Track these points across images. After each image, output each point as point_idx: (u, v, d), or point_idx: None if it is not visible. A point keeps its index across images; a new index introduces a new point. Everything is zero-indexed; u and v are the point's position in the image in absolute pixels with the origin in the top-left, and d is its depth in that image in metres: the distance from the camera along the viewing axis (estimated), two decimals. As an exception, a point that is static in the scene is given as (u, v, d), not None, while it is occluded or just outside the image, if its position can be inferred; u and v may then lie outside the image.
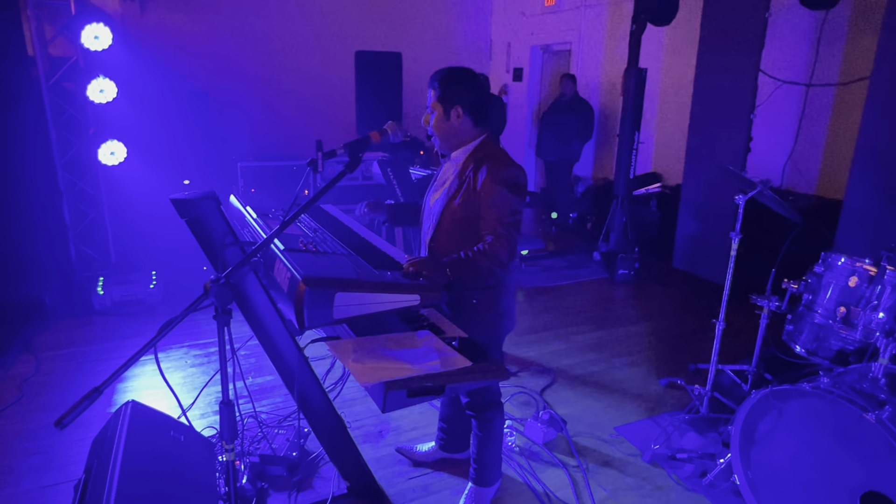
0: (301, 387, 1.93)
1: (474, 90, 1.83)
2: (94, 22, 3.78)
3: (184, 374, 3.22)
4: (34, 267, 3.88)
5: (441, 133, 1.85)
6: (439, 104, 1.81)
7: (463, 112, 1.81)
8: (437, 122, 1.83)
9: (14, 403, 2.87)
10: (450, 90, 1.80)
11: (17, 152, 3.71)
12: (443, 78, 1.81)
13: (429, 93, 1.83)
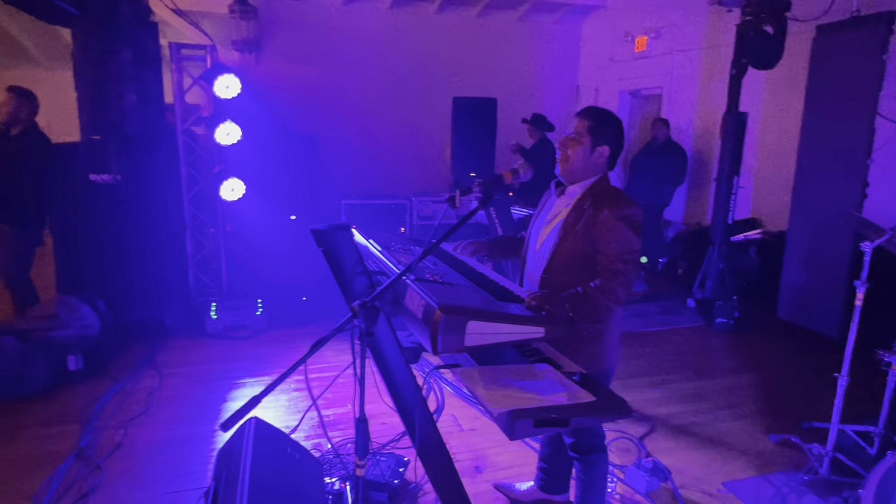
0: (413, 414, 1.99)
1: (621, 138, 1.94)
2: (226, 73, 4.22)
3: (288, 396, 3.39)
4: (158, 291, 4.26)
5: (576, 163, 1.91)
6: (589, 136, 1.88)
7: (607, 153, 1.89)
8: (580, 152, 1.89)
9: (141, 415, 3.13)
10: (603, 128, 1.89)
11: (154, 188, 4.16)
12: (600, 115, 1.91)
13: (576, 122, 1.91)
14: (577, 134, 1.92)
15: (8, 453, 2.75)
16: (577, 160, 1.92)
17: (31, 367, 3.22)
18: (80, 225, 3.96)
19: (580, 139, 1.91)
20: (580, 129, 1.91)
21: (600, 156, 1.91)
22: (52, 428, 2.98)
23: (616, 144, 1.93)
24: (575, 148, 1.92)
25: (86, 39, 3.88)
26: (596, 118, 1.91)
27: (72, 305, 3.51)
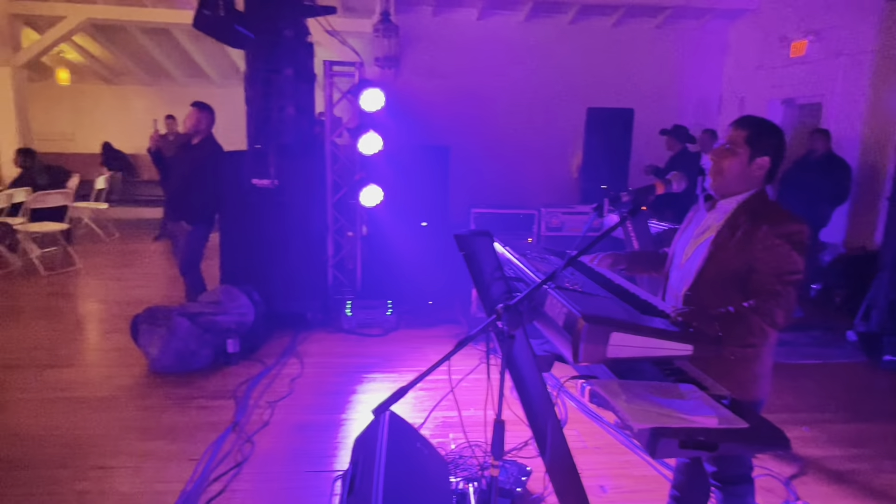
0: (543, 426, 1.99)
1: (783, 150, 1.81)
2: (372, 88, 4.53)
3: (413, 394, 3.52)
4: (302, 287, 4.65)
5: (731, 175, 1.80)
6: (746, 147, 1.78)
7: (767, 165, 1.78)
8: (736, 163, 1.79)
9: (285, 397, 3.44)
10: (765, 139, 1.78)
11: (304, 192, 4.56)
12: (759, 125, 1.80)
13: (731, 132, 1.82)
14: (732, 144, 1.81)
15: (179, 419, 3.16)
16: (731, 172, 1.81)
17: (199, 346, 3.67)
18: (243, 224, 4.46)
19: (735, 150, 1.80)
20: (736, 140, 1.81)
21: (759, 168, 1.78)
22: (213, 401, 3.37)
23: (776, 156, 1.80)
24: (730, 160, 1.81)
25: (256, 60, 4.36)
26: (755, 128, 1.80)
27: (233, 294, 3.96)
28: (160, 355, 3.59)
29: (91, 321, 4.94)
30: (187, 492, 2.50)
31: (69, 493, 2.50)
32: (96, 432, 3.01)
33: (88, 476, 2.63)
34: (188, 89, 11.15)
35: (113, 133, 11.11)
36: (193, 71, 10.82)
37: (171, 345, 3.57)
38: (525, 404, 2.08)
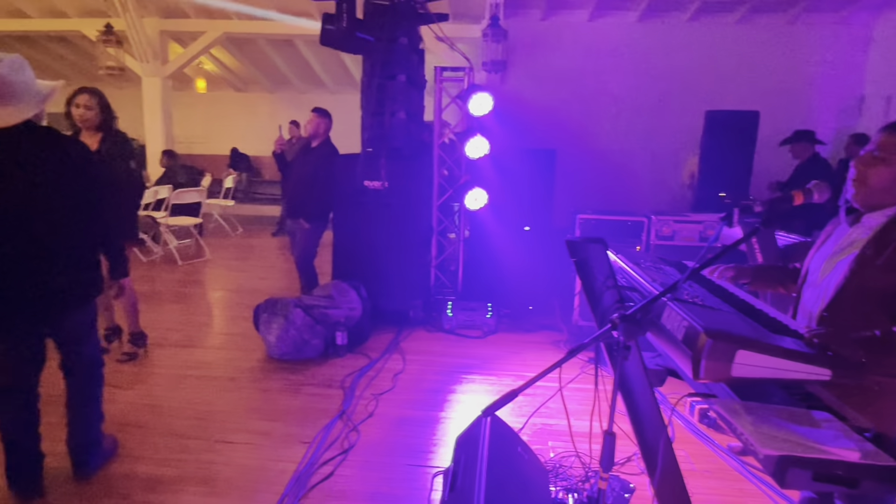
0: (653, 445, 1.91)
1: None
2: (481, 92, 4.59)
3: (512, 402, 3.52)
4: (405, 286, 4.80)
5: (879, 186, 1.63)
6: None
7: None
8: (885, 173, 1.62)
9: (388, 391, 3.57)
10: None
11: (412, 195, 4.71)
12: None
13: (881, 138, 1.65)
14: (882, 152, 1.64)
15: (292, 403, 3.39)
16: (879, 183, 1.64)
17: (311, 337, 3.91)
18: (354, 223, 4.69)
19: (887, 158, 1.62)
20: (888, 147, 1.63)
21: None
22: (322, 389, 3.58)
23: None
24: (879, 169, 1.63)
25: (371, 67, 4.58)
26: None
27: (343, 289, 4.18)
28: (277, 343, 3.87)
29: (218, 307, 5.42)
30: (300, 471, 2.68)
31: (197, 462, 2.76)
32: (221, 409, 3.30)
33: (214, 448, 2.89)
34: (306, 96, 11.93)
35: (239, 137, 12.13)
36: (311, 79, 11.55)
37: (287, 334, 3.84)
38: (633, 419, 2.01)
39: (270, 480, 2.62)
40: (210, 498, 2.49)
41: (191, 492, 2.53)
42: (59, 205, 2.30)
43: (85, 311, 2.52)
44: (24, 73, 2.21)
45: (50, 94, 2.29)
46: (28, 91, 2.21)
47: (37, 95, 2.23)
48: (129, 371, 3.75)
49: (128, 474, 2.64)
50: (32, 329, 2.39)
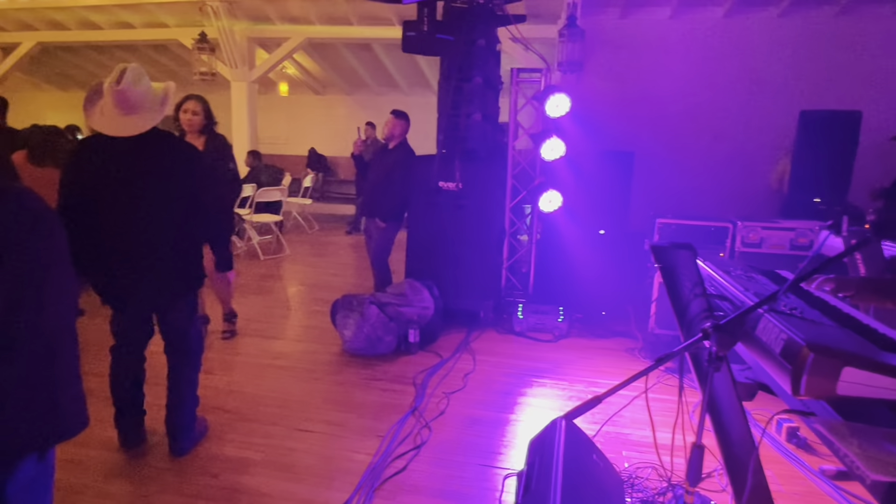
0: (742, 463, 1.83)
1: None
2: (558, 93, 4.54)
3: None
4: (476, 287, 4.83)
5: None
6: None
7: None
8: None
9: (459, 390, 3.60)
10: None
11: (486, 196, 4.73)
12: None
13: None
14: None
15: (366, 397, 3.49)
16: None
17: (385, 333, 4.02)
18: (428, 223, 4.77)
19: None
20: None
21: None
22: (395, 385, 3.66)
23: None
24: None
25: (449, 70, 4.64)
26: None
27: (417, 288, 4.26)
28: (353, 338, 4.00)
29: (296, 301, 5.66)
30: (374, 463, 2.76)
31: (279, 448, 2.90)
32: (300, 398, 3.45)
33: (294, 435, 3.03)
34: (382, 98, 12.22)
35: (317, 138, 12.59)
36: (387, 81, 11.81)
37: (362, 329, 3.96)
38: (720, 433, 1.93)
39: (346, 470, 2.72)
40: (291, 483, 2.61)
41: (274, 476, 2.66)
42: (171, 202, 2.51)
43: (188, 300, 2.73)
44: (143, 80, 2.42)
45: (167, 98, 2.50)
46: (150, 98, 2.42)
47: (156, 101, 2.44)
48: (218, 358, 3.99)
49: (217, 455, 2.82)
50: (142, 311, 2.67)
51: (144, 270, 2.50)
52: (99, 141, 2.41)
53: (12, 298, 1.30)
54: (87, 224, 2.38)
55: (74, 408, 1.47)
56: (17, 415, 1.33)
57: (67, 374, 1.45)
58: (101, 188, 2.41)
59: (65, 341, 1.44)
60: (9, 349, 1.32)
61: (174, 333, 2.75)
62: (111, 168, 2.41)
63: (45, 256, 1.34)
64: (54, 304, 1.38)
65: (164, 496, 2.50)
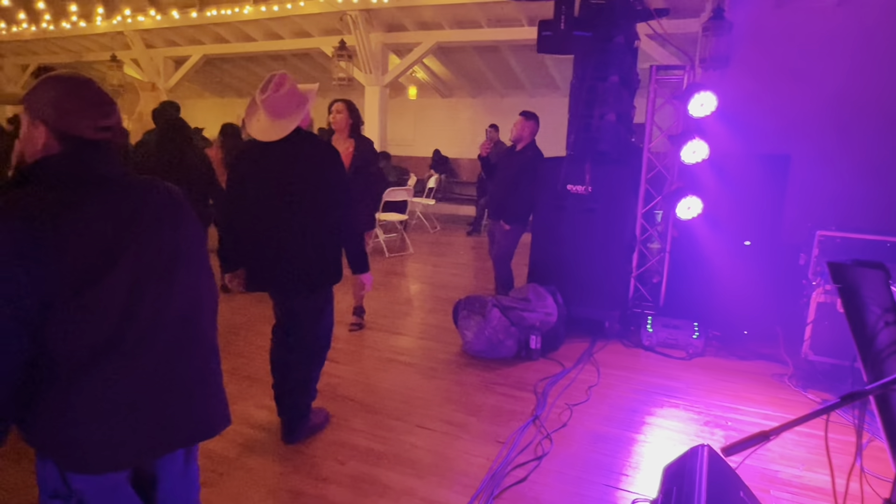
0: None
1: None
2: (702, 91, 4.19)
3: (724, 434, 3.16)
4: (602, 295, 4.60)
5: None
6: None
7: None
8: None
9: (582, 403, 3.45)
10: None
11: (616, 201, 4.50)
12: None
13: None
14: None
15: (486, 401, 3.46)
16: None
17: (506, 337, 3.96)
18: (554, 227, 4.64)
19: None
20: None
21: None
22: (515, 391, 3.60)
23: None
24: None
25: (583, 69, 4.48)
26: None
27: (540, 294, 4.16)
28: (474, 339, 3.99)
29: (418, 299, 5.80)
30: (494, 470, 2.72)
31: (401, 443, 2.96)
32: (422, 395, 3.51)
33: (415, 432, 3.07)
34: (506, 100, 12.20)
35: (441, 140, 12.87)
36: (512, 83, 11.77)
37: (484, 332, 3.94)
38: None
39: (465, 472, 2.70)
40: (412, 479, 2.65)
41: (396, 469, 2.72)
42: (312, 200, 2.68)
43: (321, 294, 2.87)
44: (287, 87, 2.64)
45: (306, 100, 2.67)
46: (293, 102, 2.62)
47: (298, 103, 2.61)
48: (346, 349, 4.19)
49: (344, 443, 2.94)
50: (281, 297, 2.88)
51: (285, 259, 2.70)
52: (255, 144, 2.69)
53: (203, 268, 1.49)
54: (243, 215, 2.70)
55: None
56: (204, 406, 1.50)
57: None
58: (254, 185, 2.69)
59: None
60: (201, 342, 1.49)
61: (305, 324, 2.90)
62: (262, 167, 2.68)
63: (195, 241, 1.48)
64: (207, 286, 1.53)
65: (297, 476, 2.66)
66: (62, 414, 1.26)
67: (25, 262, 1.16)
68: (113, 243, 1.27)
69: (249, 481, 2.61)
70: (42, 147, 1.27)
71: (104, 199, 1.29)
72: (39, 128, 1.27)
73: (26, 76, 13.74)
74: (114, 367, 1.28)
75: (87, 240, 1.23)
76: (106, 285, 1.25)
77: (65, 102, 1.27)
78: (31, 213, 1.17)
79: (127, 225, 1.30)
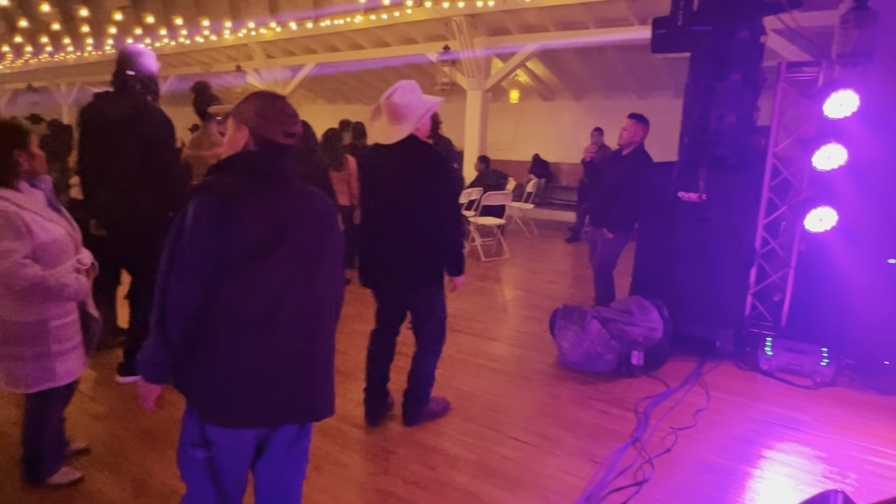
0: None
1: None
2: (842, 90, 3.75)
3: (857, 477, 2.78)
4: (714, 312, 4.24)
5: None
6: None
7: None
8: None
9: (689, 427, 3.19)
10: None
11: (734, 210, 4.13)
12: None
13: None
14: None
15: (582, 416, 3.30)
16: None
17: (605, 351, 3.77)
18: (661, 237, 4.35)
19: None
20: None
21: None
22: (613, 408, 3.40)
23: None
24: None
25: (700, 67, 4.16)
26: None
27: (645, 307, 3.91)
28: (570, 351, 3.84)
29: (512, 305, 5.71)
30: (589, 492, 2.57)
31: (492, 453, 2.89)
32: (514, 405, 3.42)
33: (507, 443, 2.99)
34: (610, 102, 11.76)
35: (542, 144, 12.66)
36: (618, 84, 11.32)
37: (581, 344, 3.77)
38: None
39: (558, 491, 2.58)
40: (501, 491, 2.57)
41: (485, 480, 2.65)
42: (418, 203, 2.78)
43: (430, 293, 2.96)
44: (411, 94, 2.74)
45: (427, 111, 2.75)
46: (413, 110, 2.72)
47: (415, 113, 2.68)
48: (439, 352, 4.18)
49: (436, 447, 2.92)
50: (391, 292, 3.02)
51: (393, 256, 2.84)
52: (375, 147, 2.91)
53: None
54: (367, 213, 2.99)
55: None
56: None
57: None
58: (369, 187, 2.97)
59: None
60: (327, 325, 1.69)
61: (417, 319, 3.03)
62: (378, 170, 2.88)
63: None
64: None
65: (387, 477, 2.67)
66: (215, 369, 1.51)
67: (214, 229, 1.44)
68: (279, 230, 1.52)
69: (341, 477, 2.66)
70: (243, 146, 1.57)
71: (280, 193, 1.56)
72: (244, 131, 1.57)
73: (165, 87, 15.28)
74: (264, 337, 1.52)
75: (261, 222, 1.50)
76: (267, 265, 1.50)
77: (266, 112, 1.57)
78: (226, 192, 1.47)
79: (292, 218, 1.55)
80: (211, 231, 1.44)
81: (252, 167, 1.56)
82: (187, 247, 1.45)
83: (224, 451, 1.58)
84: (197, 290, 1.46)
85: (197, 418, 1.55)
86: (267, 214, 1.52)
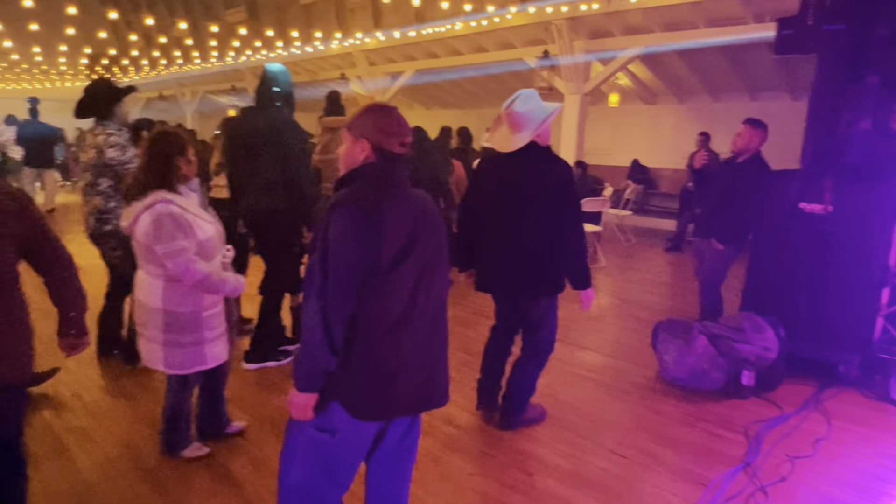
0: None
1: None
2: None
3: None
4: (836, 334, 3.90)
5: None
6: None
7: None
8: None
9: (807, 457, 2.97)
10: None
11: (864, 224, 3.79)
12: None
13: None
14: None
15: (686, 436, 3.17)
16: None
17: (711, 368, 3.59)
18: (779, 250, 4.07)
19: None
20: None
21: None
22: (720, 429, 3.23)
23: None
24: None
25: (829, 69, 3.86)
26: None
27: (758, 324, 3.68)
28: (674, 366, 3.69)
29: (610, 315, 5.56)
30: (695, 515, 2.47)
31: (590, 465, 2.85)
32: (614, 418, 3.34)
33: (606, 455, 2.93)
34: (717, 105, 11.11)
35: (641, 149, 12.20)
36: (723, 86, 10.68)
37: (686, 358, 3.62)
38: None
39: (661, 511, 2.50)
40: (601, 505, 2.53)
41: (584, 492, 2.62)
42: (538, 212, 2.79)
43: (542, 302, 2.97)
44: (530, 103, 2.77)
45: (546, 119, 2.77)
46: (532, 119, 2.75)
47: (535, 121, 2.71)
48: (534, 359, 4.17)
49: (532, 454, 2.93)
50: (503, 298, 3.11)
51: (509, 263, 2.87)
52: (495, 155, 2.94)
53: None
54: (478, 221, 2.98)
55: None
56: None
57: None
58: (488, 193, 2.93)
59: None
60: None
61: (527, 326, 3.06)
62: (497, 177, 2.90)
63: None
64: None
65: (485, 479, 2.71)
66: (372, 366, 1.61)
67: (363, 244, 1.53)
68: (412, 235, 1.62)
69: (440, 475, 2.73)
70: (363, 158, 1.65)
71: (406, 199, 1.66)
72: (363, 143, 1.64)
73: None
74: (404, 335, 1.63)
75: (398, 228, 1.59)
76: (404, 268, 1.60)
77: (383, 125, 1.65)
78: (362, 203, 1.55)
79: (419, 223, 1.65)
80: (361, 247, 1.53)
81: (380, 178, 1.64)
82: (339, 262, 1.52)
83: (348, 438, 1.69)
84: (352, 299, 1.56)
85: (326, 408, 1.64)
86: (402, 222, 1.61)
